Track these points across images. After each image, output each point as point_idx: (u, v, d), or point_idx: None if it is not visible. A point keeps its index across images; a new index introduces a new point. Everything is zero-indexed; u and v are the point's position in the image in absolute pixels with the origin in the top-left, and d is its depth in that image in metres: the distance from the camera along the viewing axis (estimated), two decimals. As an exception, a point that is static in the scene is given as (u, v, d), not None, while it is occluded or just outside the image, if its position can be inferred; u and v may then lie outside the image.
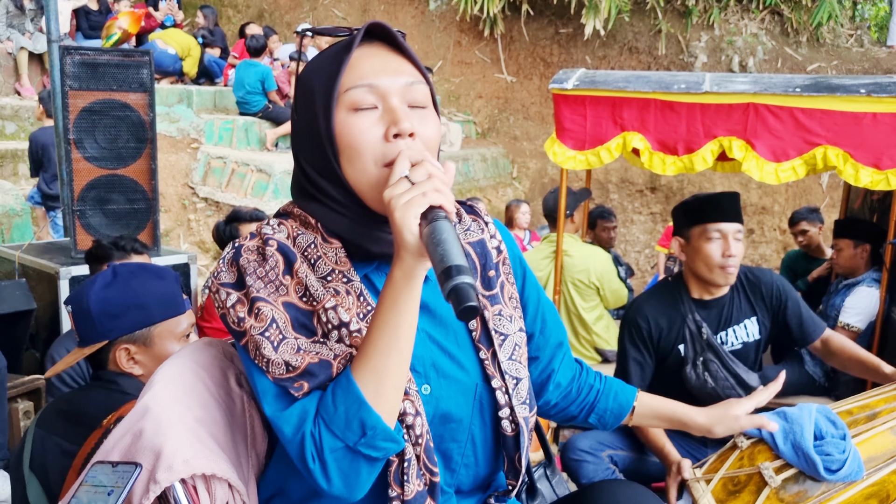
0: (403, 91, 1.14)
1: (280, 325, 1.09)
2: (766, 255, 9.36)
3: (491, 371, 1.24)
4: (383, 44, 1.18)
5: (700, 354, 2.70)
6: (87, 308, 1.83)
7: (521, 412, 1.25)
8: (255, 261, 1.14)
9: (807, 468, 1.82)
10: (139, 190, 3.96)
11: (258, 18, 12.11)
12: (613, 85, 3.88)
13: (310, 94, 1.16)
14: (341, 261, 1.16)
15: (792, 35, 10.42)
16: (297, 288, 1.13)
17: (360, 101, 1.12)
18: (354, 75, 1.13)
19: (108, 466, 1.14)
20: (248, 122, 8.62)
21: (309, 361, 1.07)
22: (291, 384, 1.07)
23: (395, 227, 1.01)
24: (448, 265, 0.93)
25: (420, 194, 1.01)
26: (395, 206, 1.01)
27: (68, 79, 3.74)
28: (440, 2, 11.66)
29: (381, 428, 1.05)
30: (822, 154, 3.53)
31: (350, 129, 1.12)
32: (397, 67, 1.15)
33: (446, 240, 0.96)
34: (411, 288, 1.05)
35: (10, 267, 4.08)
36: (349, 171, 1.14)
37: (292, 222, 1.20)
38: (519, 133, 10.98)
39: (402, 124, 1.10)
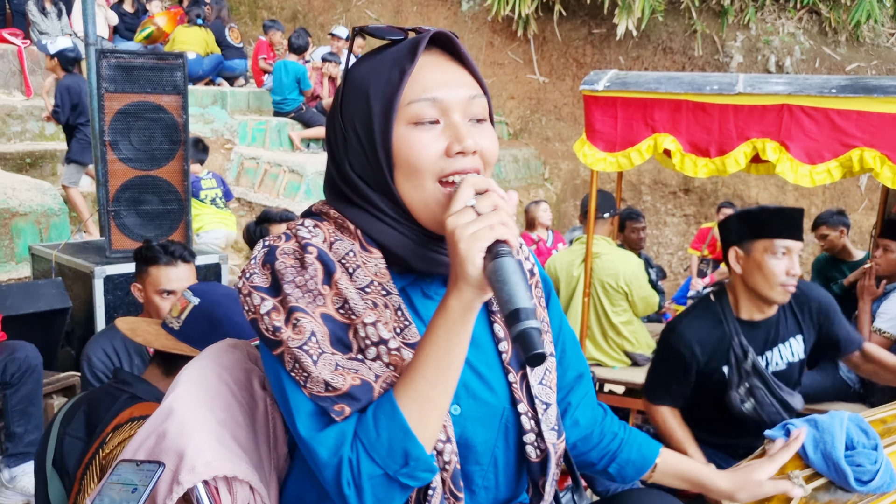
0: (465, 105, 1.10)
1: (318, 339, 1.05)
2: (803, 258, 9.21)
3: (518, 395, 1.21)
4: (443, 52, 1.14)
5: (745, 380, 2.58)
6: (218, 320, 1.83)
7: (549, 438, 1.22)
8: (293, 267, 1.08)
9: (837, 479, 1.79)
10: (172, 191, 4.01)
11: (292, 20, 12.22)
12: (645, 86, 3.84)
13: (363, 100, 1.11)
14: (381, 272, 1.12)
15: (830, 34, 10.25)
16: (335, 299, 1.08)
17: (422, 114, 1.08)
18: (417, 87, 1.09)
19: (132, 465, 1.15)
20: (280, 123, 8.70)
21: (351, 384, 1.03)
22: (331, 406, 1.03)
23: (458, 259, 0.98)
24: (516, 307, 0.92)
25: (487, 227, 0.98)
26: (461, 237, 0.98)
27: (104, 81, 3.81)
28: (473, 2, 11.66)
29: (424, 458, 1.03)
30: (859, 156, 3.46)
31: (411, 144, 1.08)
32: (459, 79, 1.12)
33: (513, 279, 0.94)
34: (467, 320, 1.03)
35: (48, 266, 4.16)
36: (403, 186, 1.10)
37: (328, 225, 1.16)
38: (551, 134, 10.94)
39: (466, 142, 1.08)
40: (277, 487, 1.27)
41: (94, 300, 3.72)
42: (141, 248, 3.04)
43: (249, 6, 12.59)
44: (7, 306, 3.55)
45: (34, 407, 3.35)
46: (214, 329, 1.84)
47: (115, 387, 1.88)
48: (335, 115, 1.17)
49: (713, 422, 2.73)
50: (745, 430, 2.70)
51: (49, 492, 1.81)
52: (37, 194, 5.54)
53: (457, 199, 1.02)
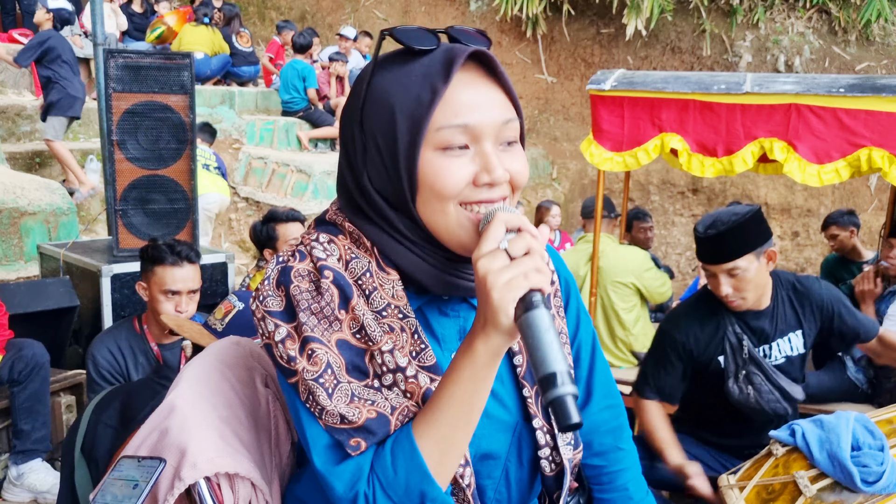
0: (498, 130, 1.04)
1: (335, 370, 1.02)
2: (812, 258, 9.18)
3: (533, 410, 1.18)
4: (478, 67, 1.06)
5: (742, 368, 2.60)
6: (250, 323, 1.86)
7: (565, 453, 1.20)
8: (308, 291, 1.04)
9: (843, 479, 1.78)
10: (179, 190, 4.02)
11: (300, 20, 12.24)
12: (652, 86, 3.84)
13: (388, 116, 1.04)
14: (398, 295, 1.08)
15: (840, 34, 10.20)
16: (351, 324, 1.05)
17: (451, 141, 1.02)
18: (448, 112, 1.02)
19: (134, 461, 1.16)
20: (288, 123, 8.72)
21: (367, 417, 1.01)
22: (347, 440, 1.01)
23: (490, 308, 0.94)
24: (550, 372, 0.88)
25: (521, 275, 0.94)
26: (493, 286, 0.94)
27: (112, 81, 3.82)
28: (481, 2, 11.65)
29: (441, 499, 1.01)
30: (867, 156, 3.45)
31: (437, 172, 1.02)
32: (493, 101, 1.04)
33: (546, 338, 0.90)
34: (493, 365, 1.00)
35: (56, 265, 4.18)
36: (425, 210, 1.05)
37: (343, 240, 1.10)
38: (559, 134, 10.93)
39: (496, 173, 1.02)
40: (279, 485, 1.27)
41: (101, 299, 3.73)
42: (147, 246, 3.05)
43: (258, 7, 12.62)
44: (15, 304, 3.57)
45: (41, 405, 3.37)
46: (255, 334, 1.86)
47: (155, 381, 1.91)
48: (353, 122, 1.09)
49: (717, 420, 2.73)
50: (749, 427, 2.70)
51: (76, 477, 1.82)
52: (45, 194, 5.57)
53: (488, 238, 0.97)
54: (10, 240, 5.27)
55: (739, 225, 2.48)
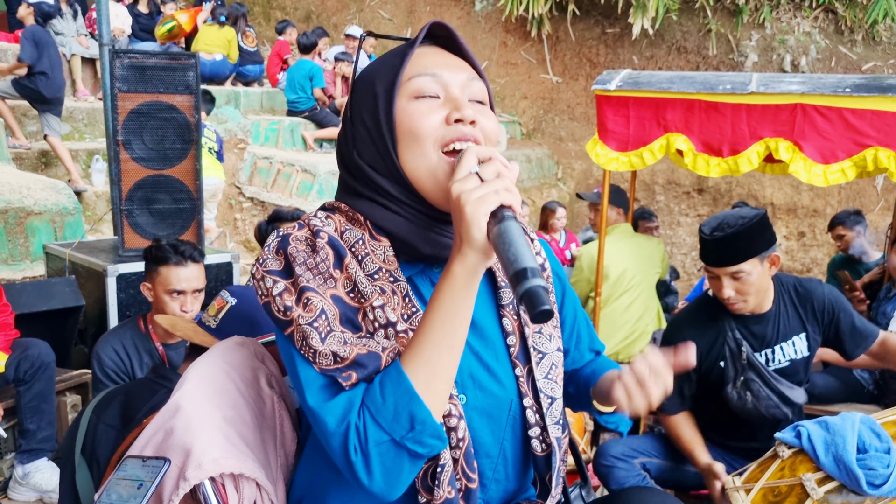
0: (464, 84, 1.17)
1: (329, 317, 1.07)
2: (818, 258, 9.15)
3: (524, 389, 1.22)
4: (444, 48, 1.22)
5: (741, 374, 2.60)
6: (256, 321, 1.86)
7: (553, 432, 1.23)
8: (305, 251, 1.12)
9: (848, 482, 1.77)
10: (184, 190, 4.02)
11: (305, 20, 12.25)
12: (657, 86, 3.83)
13: (370, 87, 1.18)
14: (389, 259, 1.15)
15: (846, 33, 10.17)
16: (345, 283, 1.11)
17: (423, 88, 1.14)
18: (418, 66, 1.16)
19: (138, 461, 1.16)
20: (293, 123, 8.72)
21: (357, 352, 1.05)
22: (339, 374, 1.05)
23: (464, 223, 1.01)
24: (522, 267, 0.93)
25: (492, 191, 1.01)
26: (466, 201, 1.00)
27: (117, 81, 3.83)
28: (486, 2, 11.64)
29: (430, 423, 1.03)
30: (873, 156, 3.44)
31: (411, 114, 1.13)
32: (458, 64, 1.19)
33: (517, 241, 0.96)
34: (470, 284, 1.05)
35: (61, 264, 4.18)
36: (407, 158, 1.14)
37: (339, 217, 1.19)
38: (564, 134, 10.91)
39: (465, 110, 1.12)
40: (284, 485, 1.27)
41: (106, 298, 3.74)
42: (151, 247, 3.05)
43: (263, 6, 12.63)
44: (21, 304, 3.58)
45: (47, 404, 3.37)
46: (251, 329, 1.86)
47: (154, 380, 1.90)
48: (347, 112, 1.23)
49: (722, 424, 2.73)
50: (753, 431, 2.70)
51: (77, 480, 1.82)
52: (51, 193, 5.58)
53: (461, 166, 1.06)
54: (16, 239, 5.28)
55: (746, 229, 2.47)
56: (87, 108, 7.81)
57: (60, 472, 1.89)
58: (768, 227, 2.54)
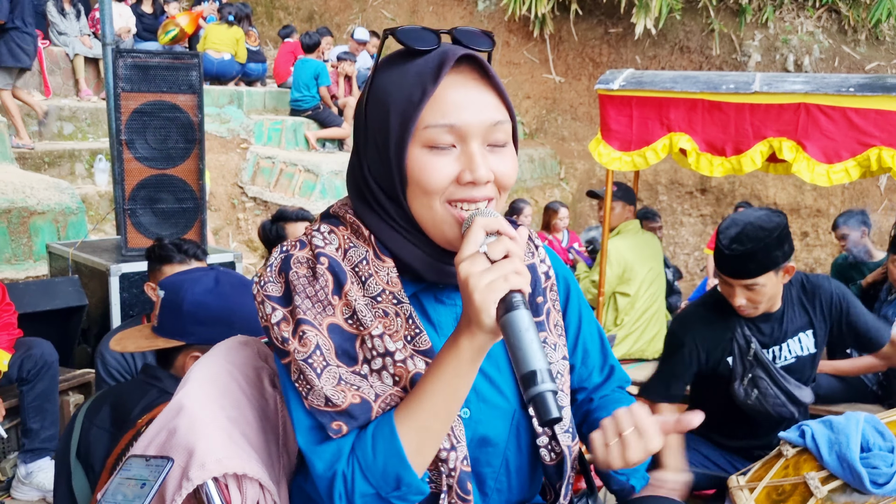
0: (486, 131, 1.08)
1: (323, 352, 1.06)
2: (821, 258, 9.14)
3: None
4: (471, 69, 1.10)
5: (748, 370, 2.58)
6: (179, 304, 1.85)
7: (563, 441, 1.22)
8: (306, 277, 1.10)
9: (852, 481, 1.77)
10: (187, 189, 4.03)
11: (308, 20, 12.25)
12: (660, 85, 3.83)
13: (384, 113, 1.10)
14: (392, 281, 1.13)
15: (850, 33, 10.16)
16: (344, 309, 1.10)
17: (437, 140, 1.07)
18: (436, 111, 1.06)
19: (141, 460, 1.16)
20: (296, 123, 8.73)
21: (351, 402, 1.05)
22: (329, 423, 1.05)
23: (473, 309, 0.98)
24: (531, 370, 0.93)
25: (501, 278, 0.98)
26: (475, 288, 0.98)
27: (120, 81, 3.83)
28: (489, 2, 11.65)
29: (416, 484, 1.06)
30: (877, 155, 3.43)
31: (422, 168, 1.07)
32: (483, 103, 1.09)
33: (526, 338, 0.95)
34: (477, 360, 1.04)
35: (64, 264, 4.19)
36: (414, 204, 1.10)
37: (344, 231, 1.16)
38: (567, 134, 10.91)
39: (478, 172, 1.06)
40: (287, 485, 1.27)
41: (109, 298, 3.74)
42: (153, 246, 3.05)
43: (266, 6, 12.64)
44: (24, 304, 3.58)
45: (50, 403, 3.38)
46: (178, 315, 1.86)
47: (144, 381, 1.89)
48: (359, 116, 1.17)
49: (726, 422, 2.71)
50: (758, 429, 2.69)
51: (73, 484, 1.82)
52: (55, 193, 5.59)
53: (468, 241, 1.01)
54: (19, 239, 5.29)
55: (765, 245, 2.41)
56: (90, 107, 7.82)
57: (55, 476, 1.88)
58: (787, 238, 2.48)
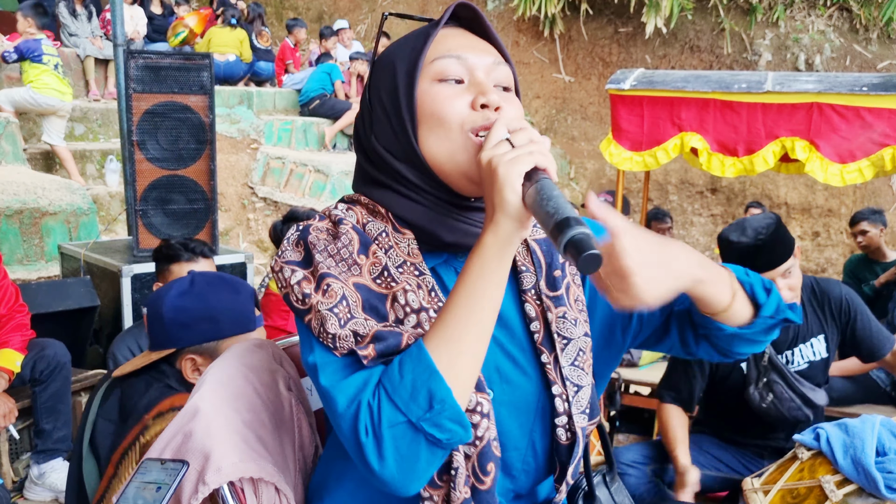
0: (490, 68, 1.11)
1: (350, 304, 1.00)
2: (832, 258, 9.09)
3: (552, 376, 1.15)
4: (469, 30, 1.16)
5: (763, 375, 2.58)
6: (160, 314, 1.86)
7: (579, 421, 1.16)
8: (326, 239, 1.07)
9: (867, 485, 1.76)
10: (198, 190, 4.04)
11: (318, 20, 12.27)
12: (672, 85, 3.81)
13: (390, 68, 1.13)
14: (413, 252, 1.10)
15: (861, 32, 10.09)
16: (371, 269, 1.06)
17: (446, 71, 1.09)
18: (442, 48, 1.10)
19: (157, 463, 1.16)
20: (306, 123, 8.74)
21: (378, 329, 0.98)
22: (358, 349, 0.97)
23: (497, 185, 0.95)
24: (565, 216, 0.86)
25: (526, 153, 0.95)
26: (499, 163, 0.95)
27: (132, 82, 3.84)
28: (498, 2, 11.63)
29: (451, 403, 0.93)
30: (891, 155, 3.41)
31: (434, 97, 1.08)
32: (484, 47, 1.13)
33: (556, 195, 0.90)
34: (503, 256, 0.98)
35: (76, 265, 4.20)
36: (429, 142, 1.08)
37: (360, 209, 1.14)
38: (577, 133, 10.89)
39: (490, 96, 1.07)
40: (303, 490, 1.27)
41: (121, 298, 3.75)
42: (161, 246, 3.06)
43: (275, 7, 12.66)
44: (37, 304, 3.60)
45: (63, 404, 3.39)
46: (162, 325, 1.86)
47: (149, 375, 1.90)
48: (365, 95, 1.18)
49: (740, 422, 2.71)
50: (771, 430, 2.69)
51: (83, 470, 1.84)
52: (66, 194, 5.61)
53: (490, 137, 1.00)
54: (31, 240, 5.31)
55: (778, 227, 2.45)
56: (100, 108, 7.85)
57: (70, 462, 1.91)
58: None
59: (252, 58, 9.60)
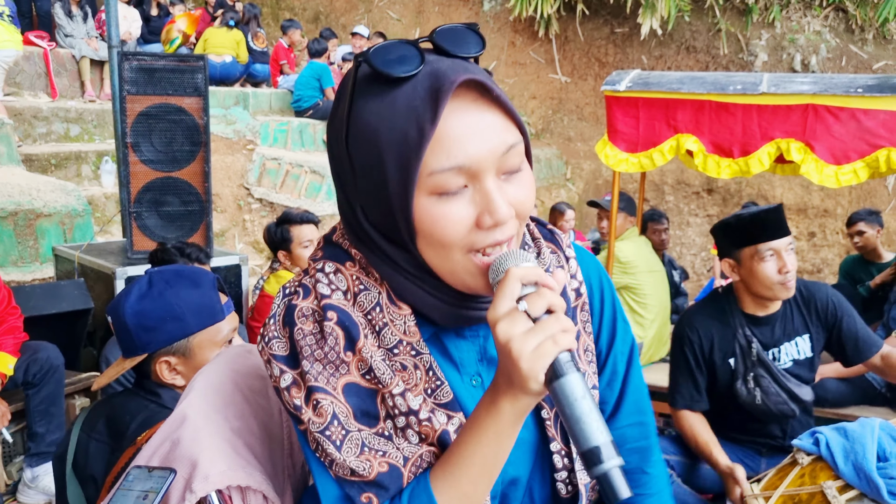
0: (498, 161, 0.93)
1: (341, 420, 0.98)
2: (828, 259, 9.10)
3: (551, 433, 1.13)
4: (468, 89, 0.93)
5: (751, 370, 2.64)
6: (123, 321, 1.80)
7: (582, 478, 1.14)
8: (312, 335, 1.00)
9: (869, 491, 1.75)
10: (193, 192, 4.02)
11: (314, 21, 12.26)
12: (667, 86, 3.80)
13: (375, 155, 0.93)
14: (410, 331, 1.02)
15: (857, 32, 10.10)
16: (359, 365, 1.00)
17: (447, 185, 0.91)
18: (440, 153, 0.90)
19: (144, 471, 1.15)
20: (302, 124, 8.73)
21: (378, 471, 0.98)
22: (358, 495, 0.99)
23: (519, 376, 0.88)
24: (593, 446, 0.84)
25: (549, 341, 0.87)
26: (521, 355, 0.87)
27: (126, 84, 3.83)
28: (494, 2, 11.63)
29: None
30: (886, 156, 3.40)
31: (435, 220, 0.93)
32: (490, 128, 0.92)
33: (584, 408, 0.85)
34: (519, 422, 0.96)
35: (70, 267, 4.19)
36: (428, 254, 0.97)
37: (351, 268, 1.04)
38: (573, 134, 10.89)
39: (499, 213, 0.92)
40: (292, 495, 1.26)
41: (115, 301, 3.73)
42: (157, 250, 3.05)
43: (272, 7, 12.65)
44: (30, 307, 3.58)
45: (56, 407, 3.38)
46: (127, 332, 1.81)
47: (140, 395, 1.86)
48: (341, 144, 0.98)
49: (734, 419, 2.75)
50: (763, 425, 2.74)
51: (67, 494, 1.80)
52: (61, 195, 5.60)
53: (503, 296, 0.89)
54: (25, 241, 5.30)
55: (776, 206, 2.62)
56: (96, 109, 7.83)
57: (55, 487, 1.86)
58: None
59: (248, 59, 9.59)
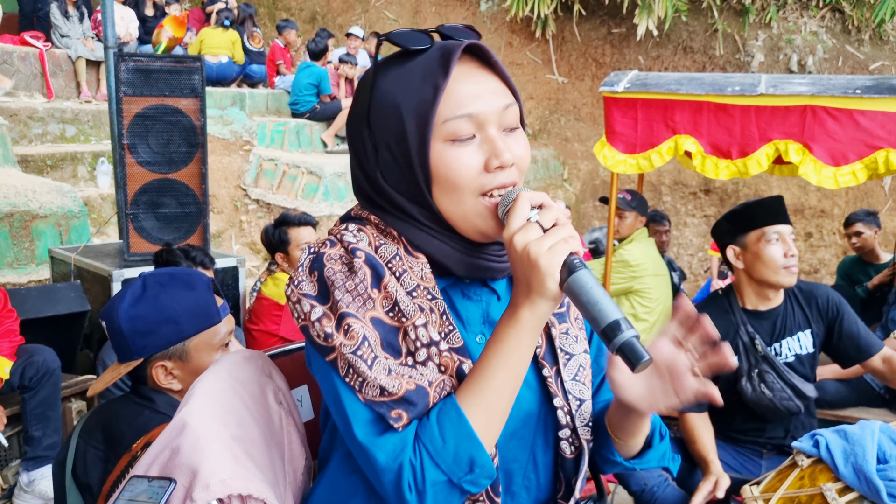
0: (500, 116, 1.10)
1: (371, 343, 1.04)
2: (825, 259, 9.10)
3: (553, 389, 1.19)
4: (473, 60, 1.13)
5: (755, 366, 2.64)
6: (118, 326, 1.78)
7: (583, 434, 1.20)
8: (342, 272, 1.08)
9: (869, 493, 1.74)
10: (190, 194, 4.01)
11: (310, 21, 12.23)
12: (665, 87, 3.80)
13: (395, 117, 1.10)
14: (426, 277, 1.12)
15: (853, 33, 10.11)
16: (384, 302, 1.08)
17: (458, 132, 1.08)
18: (452, 104, 1.08)
19: (144, 481, 1.13)
20: (299, 125, 8.72)
21: (406, 388, 1.03)
22: (388, 412, 1.02)
23: (537, 275, 1.00)
24: (613, 320, 0.96)
25: (561, 241, 1.00)
26: (538, 254, 0.99)
27: (123, 85, 3.81)
28: (491, 3, 11.62)
29: (489, 466, 1.03)
30: (884, 158, 3.40)
31: (449, 162, 1.08)
32: (492, 89, 1.11)
33: (597, 293, 0.98)
34: (538, 328, 1.04)
35: (67, 269, 4.17)
36: (442, 201, 1.11)
37: (371, 229, 1.16)
38: (570, 134, 10.88)
39: (504, 156, 1.08)
40: (294, 502, 1.25)
41: (112, 304, 3.72)
42: (161, 251, 3.03)
43: (268, 8, 12.62)
44: (26, 310, 3.56)
45: (52, 411, 3.36)
46: (122, 337, 1.80)
47: (135, 401, 1.84)
48: (361, 126, 1.15)
49: (734, 416, 2.76)
50: (766, 424, 2.74)
51: (68, 502, 1.79)
52: (57, 196, 5.57)
53: (515, 214, 1.03)
54: (21, 243, 5.27)
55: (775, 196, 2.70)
56: (92, 110, 7.80)
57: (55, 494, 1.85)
58: None
59: (245, 59, 9.56)
